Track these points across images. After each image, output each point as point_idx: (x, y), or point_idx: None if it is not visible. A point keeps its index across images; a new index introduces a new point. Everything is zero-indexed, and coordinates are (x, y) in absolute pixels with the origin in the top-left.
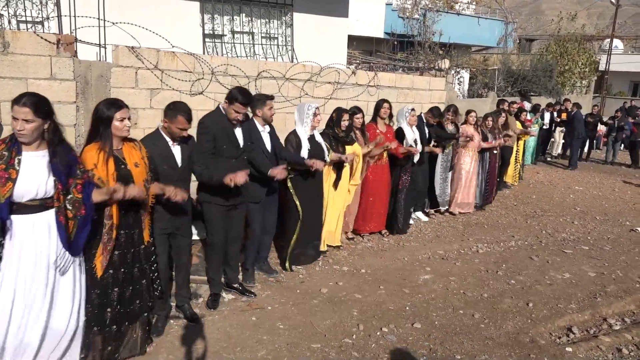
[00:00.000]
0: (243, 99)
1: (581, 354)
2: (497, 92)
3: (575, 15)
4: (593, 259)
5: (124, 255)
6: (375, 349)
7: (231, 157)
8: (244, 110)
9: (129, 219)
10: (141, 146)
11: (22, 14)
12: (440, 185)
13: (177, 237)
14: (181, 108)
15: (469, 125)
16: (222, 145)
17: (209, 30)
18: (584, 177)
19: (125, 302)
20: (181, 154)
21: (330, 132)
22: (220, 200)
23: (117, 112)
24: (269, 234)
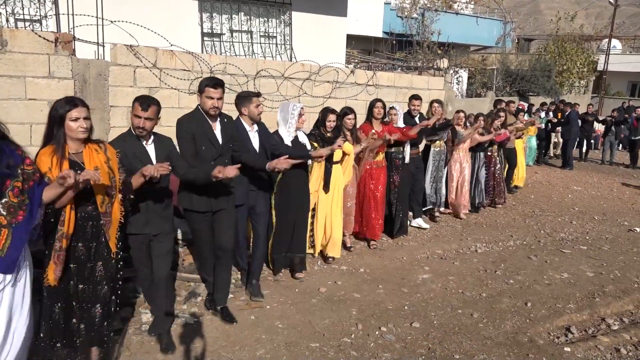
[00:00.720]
0: (212, 81)
1: (579, 354)
2: (496, 91)
3: (574, 16)
4: (591, 259)
5: (81, 269)
6: (374, 348)
7: (210, 159)
8: (218, 94)
9: (87, 231)
10: (107, 148)
11: (20, 12)
12: (432, 185)
13: (155, 246)
14: (141, 97)
15: (457, 125)
16: (200, 146)
17: (207, 29)
18: (582, 177)
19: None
20: (156, 153)
21: (317, 132)
22: (203, 205)
23: (70, 110)
24: (258, 249)
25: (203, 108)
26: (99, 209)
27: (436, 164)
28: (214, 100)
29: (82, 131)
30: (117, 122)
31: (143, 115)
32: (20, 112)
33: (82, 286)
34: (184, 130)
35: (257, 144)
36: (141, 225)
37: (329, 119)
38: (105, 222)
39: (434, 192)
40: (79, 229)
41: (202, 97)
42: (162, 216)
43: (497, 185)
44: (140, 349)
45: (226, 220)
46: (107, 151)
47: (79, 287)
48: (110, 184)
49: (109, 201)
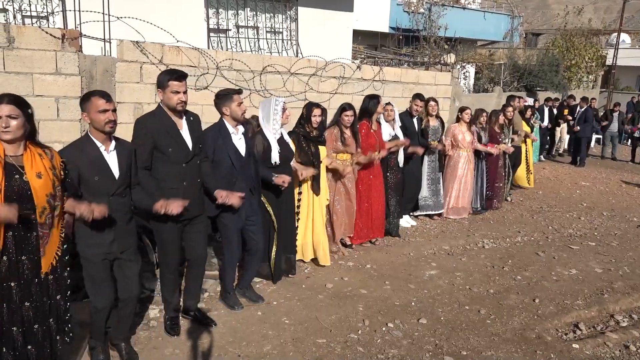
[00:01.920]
0: (175, 74)
1: (588, 351)
2: (503, 86)
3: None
4: (600, 255)
5: (26, 286)
6: (381, 344)
7: (180, 161)
8: (184, 88)
9: (31, 242)
10: (53, 155)
11: (27, 9)
12: (429, 187)
13: (123, 263)
14: (92, 92)
15: (463, 123)
16: (166, 147)
17: (213, 25)
18: (590, 172)
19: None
20: (118, 161)
21: (301, 130)
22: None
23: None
24: (254, 254)
25: (168, 105)
26: (38, 219)
27: (432, 164)
28: (181, 94)
29: (3, 131)
30: (124, 119)
31: (109, 108)
32: None
33: (27, 304)
34: (142, 131)
35: (243, 148)
36: (107, 244)
37: (314, 114)
38: (43, 235)
39: (431, 194)
40: (21, 240)
41: (165, 92)
42: (128, 231)
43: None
44: (148, 344)
45: (200, 229)
46: (54, 159)
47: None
48: (54, 193)
49: (50, 212)
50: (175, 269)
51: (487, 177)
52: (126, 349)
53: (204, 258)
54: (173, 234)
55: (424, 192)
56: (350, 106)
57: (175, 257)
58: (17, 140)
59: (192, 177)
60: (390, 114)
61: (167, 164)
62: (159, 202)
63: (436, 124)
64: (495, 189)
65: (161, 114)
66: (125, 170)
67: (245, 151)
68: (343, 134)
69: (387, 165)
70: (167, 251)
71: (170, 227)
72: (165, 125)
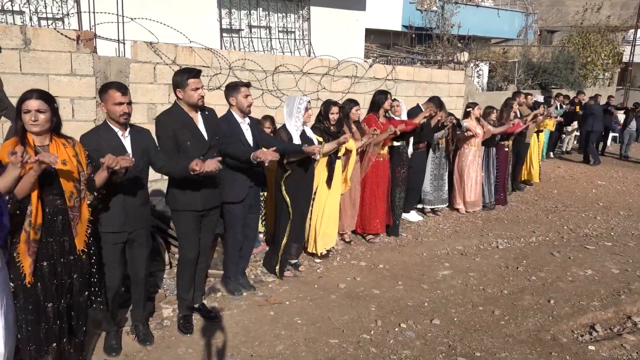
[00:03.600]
0: (192, 72)
1: (604, 353)
2: (517, 85)
3: (600, 6)
4: (617, 255)
5: (53, 265)
6: (394, 345)
7: (199, 154)
8: (201, 84)
9: (57, 225)
10: (75, 143)
11: (43, 11)
12: (431, 182)
13: (133, 246)
14: (109, 84)
15: (472, 119)
16: (185, 141)
17: (226, 25)
18: (606, 171)
19: (62, 318)
20: (132, 146)
21: (322, 126)
22: (193, 204)
23: (23, 102)
24: (250, 241)
25: (190, 102)
26: (67, 203)
27: (437, 161)
28: (200, 90)
29: (33, 125)
30: (137, 119)
31: (125, 101)
32: None
33: (57, 283)
34: (163, 127)
35: (250, 137)
36: (119, 224)
37: (331, 112)
38: (74, 217)
39: (433, 189)
40: (48, 224)
41: (185, 91)
42: (140, 214)
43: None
44: (161, 343)
45: (211, 222)
46: (76, 146)
47: (53, 283)
48: (79, 178)
49: (77, 196)
50: (193, 265)
51: (496, 172)
52: (143, 331)
53: (208, 247)
54: (192, 225)
55: (426, 186)
56: (356, 102)
57: (194, 250)
58: (44, 132)
59: None
60: (397, 110)
61: (186, 158)
62: (194, 162)
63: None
64: (504, 184)
65: (179, 111)
66: (140, 155)
67: (252, 141)
68: (350, 128)
69: (397, 158)
70: (186, 243)
71: (190, 218)
72: (183, 121)
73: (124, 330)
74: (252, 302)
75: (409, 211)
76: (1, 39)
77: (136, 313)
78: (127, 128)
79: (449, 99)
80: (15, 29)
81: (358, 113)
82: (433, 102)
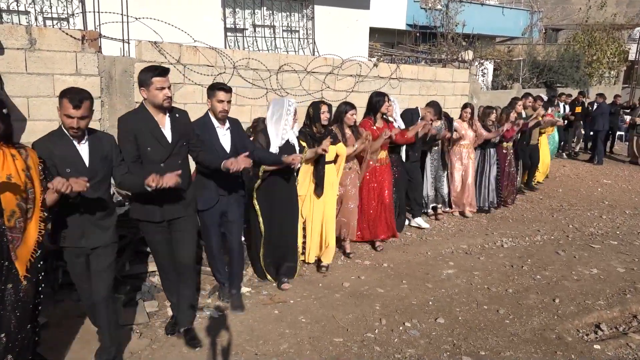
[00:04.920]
0: (156, 69)
1: (610, 352)
2: (522, 83)
3: (604, 4)
4: (622, 254)
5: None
6: (398, 343)
7: (158, 160)
8: (168, 83)
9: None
10: (29, 154)
11: (48, 11)
12: (432, 184)
13: (96, 259)
14: (69, 91)
15: (463, 121)
16: (146, 146)
17: (230, 24)
18: (612, 170)
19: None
20: (89, 154)
21: (308, 130)
22: (151, 214)
23: None
24: (233, 253)
25: (154, 102)
26: (7, 223)
27: (435, 163)
28: (166, 90)
29: None
30: None
31: (76, 115)
32: (49, 109)
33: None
34: (124, 129)
35: (227, 142)
36: (76, 238)
37: (322, 111)
38: (14, 239)
39: (434, 192)
40: None
41: (149, 90)
42: (101, 227)
43: (511, 184)
44: (167, 342)
45: (184, 231)
46: (29, 159)
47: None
48: (26, 196)
49: (20, 215)
50: (171, 270)
51: (497, 175)
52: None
53: (190, 265)
54: (159, 234)
55: (427, 191)
56: (352, 105)
57: (168, 260)
58: None
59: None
60: (390, 109)
61: (145, 163)
62: (150, 177)
63: (439, 124)
64: (504, 187)
65: (143, 112)
66: (99, 163)
67: (230, 147)
68: (344, 133)
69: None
70: (158, 253)
71: (156, 228)
72: (147, 124)
73: (128, 328)
74: (256, 301)
75: (417, 216)
76: (7, 39)
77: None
78: (85, 135)
79: (453, 98)
80: (20, 29)
81: (354, 117)
82: (432, 108)
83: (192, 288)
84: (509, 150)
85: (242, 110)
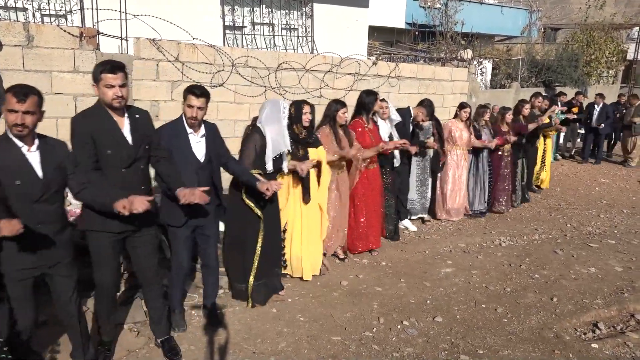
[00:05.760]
0: (107, 65)
1: (607, 351)
2: (521, 82)
3: (604, 3)
4: (620, 253)
5: None
6: (396, 342)
7: (120, 165)
8: (120, 80)
9: None
10: None
11: (46, 8)
12: (417, 189)
13: (54, 278)
14: (14, 86)
15: (460, 121)
16: (105, 149)
17: (229, 22)
18: (610, 169)
19: None
20: (42, 162)
21: (290, 132)
22: (109, 224)
23: None
24: (209, 269)
25: (104, 101)
26: None
27: (421, 165)
28: (116, 88)
29: None
30: None
31: (20, 109)
32: (46, 107)
33: None
34: (80, 131)
35: (201, 151)
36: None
37: (304, 112)
38: None
39: (419, 197)
40: None
41: (99, 87)
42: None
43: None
44: None
45: (146, 244)
46: None
47: None
48: None
49: None
50: (111, 292)
51: (490, 178)
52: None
53: (153, 276)
54: (109, 250)
55: (412, 194)
56: (344, 103)
57: (111, 275)
58: None
59: (135, 184)
60: (385, 112)
61: (105, 168)
62: (120, 202)
63: (427, 124)
64: (498, 191)
65: (100, 111)
66: (51, 172)
67: (204, 156)
68: (337, 133)
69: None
70: (102, 269)
71: (107, 240)
72: (104, 123)
73: (125, 326)
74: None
75: (404, 218)
76: (4, 35)
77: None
78: (35, 141)
79: (452, 97)
80: (18, 26)
81: (345, 116)
82: (424, 109)
83: (160, 299)
84: (504, 153)
85: (241, 108)
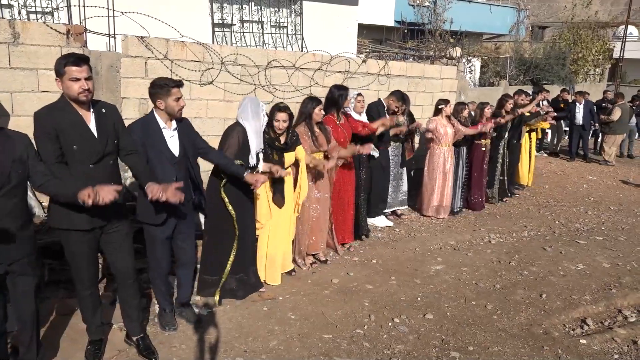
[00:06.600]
0: (72, 58)
1: (596, 346)
2: (509, 80)
3: (590, 2)
4: (607, 250)
5: None
6: (387, 339)
7: (87, 161)
8: (85, 73)
9: None
10: None
11: (32, 5)
12: (392, 183)
13: (15, 277)
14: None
15: (442, 117)
16: (70, 144)
17: (218, 20)
18: (597, 166)
19: None
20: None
21: (267, 137)
22: (78, 221)
23: None
24: (186, 267)
25: (69, 95)
26: None
27: (396, 159)
28: (82, 81)
29: None
30: (128, 114)
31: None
32: (33, 105)
33: None
34: (43, 126)
35: (175, 145)
36: None
37: (276, 119)
38: None
39: (392, 190)
40: None
41: (63, 81)
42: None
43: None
44: (154, 339)
45: (120, 240)
46: None
47: None
48: None
49: None
50: (91, 287)
51: (467, 175)
52: None
53: (129, 273)
54: (84, 245)
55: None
56: (319, 101)
57: (88, 273)
58: None
59: (104, 180)
60: (358, 106)
61: (72, 164)
62: (85, 191)
63: (402, 119)
64: (478, 188)
65: (65, 106)
66: (10, 167)
67: (179, 150)
68: (313, 132)
69: (358, 161)
70: (78, 265)
71: (81, 238)
72: (69, 118)
73: (115, 326)
74: (245, 298)
75: (375, 216)
76: None
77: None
78: None
79: (441, 94)
80: (3, 23)
81: (321, 113)
82: (395, 96)
83: (137, 296)
84: (483, 148)
85: (230, 106)
